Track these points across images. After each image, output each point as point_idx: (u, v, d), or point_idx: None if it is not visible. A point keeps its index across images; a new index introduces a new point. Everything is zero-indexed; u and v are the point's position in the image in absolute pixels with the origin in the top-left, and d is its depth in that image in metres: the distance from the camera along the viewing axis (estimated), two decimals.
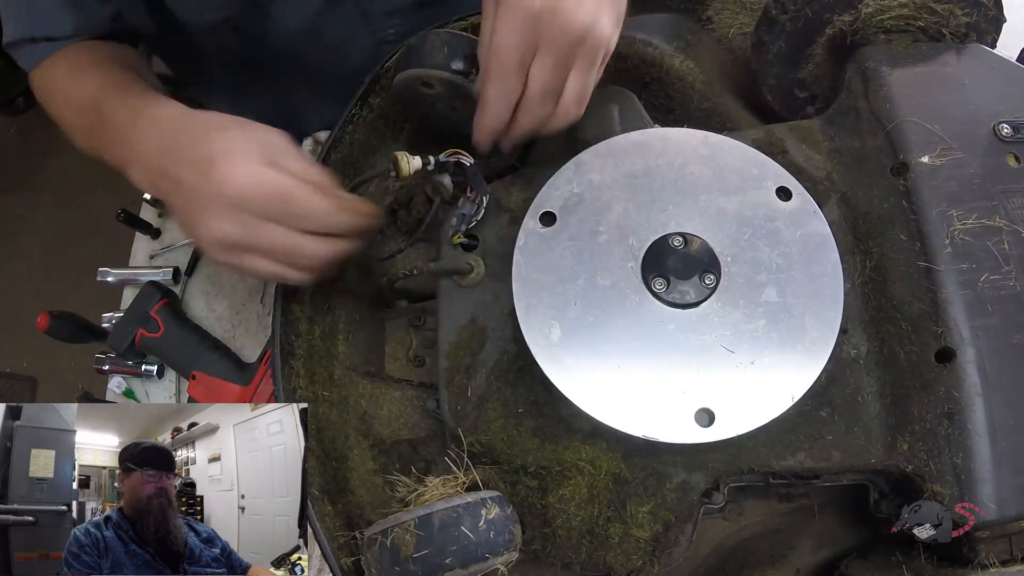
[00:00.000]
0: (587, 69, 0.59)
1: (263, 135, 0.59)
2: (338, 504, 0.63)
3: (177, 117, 0.62)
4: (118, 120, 0.67)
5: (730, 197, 0.62)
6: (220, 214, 0.55)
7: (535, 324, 0.59)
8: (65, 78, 0.81)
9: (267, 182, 0.55)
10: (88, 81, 0.77)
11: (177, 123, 0.61)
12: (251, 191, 0.55)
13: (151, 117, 0.63)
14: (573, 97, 0.60)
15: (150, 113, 0.64)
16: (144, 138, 0.62)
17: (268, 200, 0.55)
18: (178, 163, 0.57)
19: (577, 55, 0.57)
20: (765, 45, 0.73)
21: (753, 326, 0.58)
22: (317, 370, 0.69)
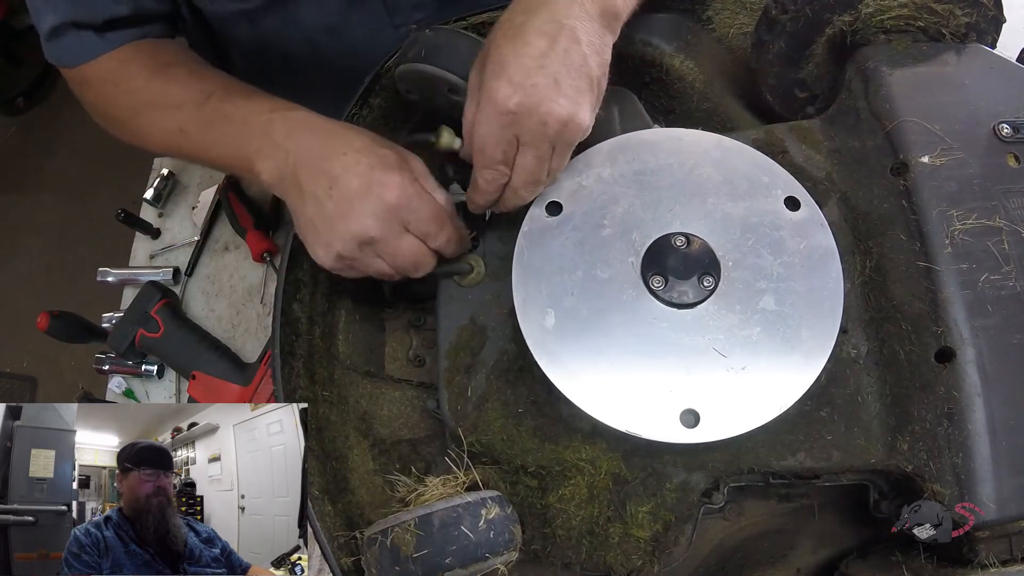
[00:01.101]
0: (565, 154, 0.61)
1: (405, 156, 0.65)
2: (338, 504, 0.63)
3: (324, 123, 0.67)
4: (249, 117, 0.69)
5: (738, 202, 0.62)
6: (372, 214, 0.61)
7: (531, 310, 0.59)
8: (146, 79, 0.80)
9: (421, 200, 0.62)
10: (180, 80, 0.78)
11: (327, 128, 0.66)
12: (408, 203, 0.61)
13: (297, 119, 0.67)
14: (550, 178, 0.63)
15: (294, 115, 0.67)
16: (290, 137, 0.66)
17: (416, 215, 0.62)
18: (335, 161, 0.62)
19: (556, 146, 0.59)
20: (765, 45, 0.73)
21: (748, 332, 0.58)
22: (317, 370, 0.69)
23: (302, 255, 0.71)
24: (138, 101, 0.80)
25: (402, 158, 0.64)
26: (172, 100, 0.76)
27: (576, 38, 0.57)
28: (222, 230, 1.13)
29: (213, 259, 1.11)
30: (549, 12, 0.58)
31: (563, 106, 0.57)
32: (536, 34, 0.57)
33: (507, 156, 0.59)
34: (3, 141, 2.74)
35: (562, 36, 0.57)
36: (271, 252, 1.05)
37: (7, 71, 2.72)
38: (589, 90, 0.58)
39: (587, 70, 0.58)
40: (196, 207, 1.15)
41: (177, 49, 0.85)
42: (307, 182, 0.63)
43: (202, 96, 0.74)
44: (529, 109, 0.57)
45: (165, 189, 1.18)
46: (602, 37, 0.60)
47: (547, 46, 0.57)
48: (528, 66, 0.57)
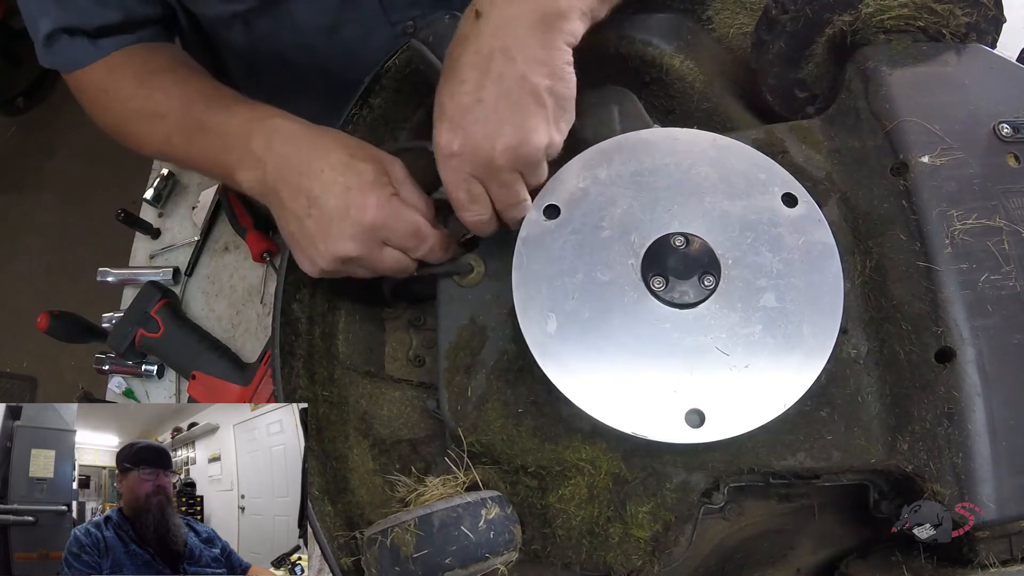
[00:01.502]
0: (536, 171, 0.60)
1: (388, 165, 0.65)
2: (338, 504, 0.63)
3: (303, 133, 0.66)
4: (228, 128, 0.69)
5: (735, 200, 0.62)
6: (352, 236, 0.61)
7: (532, 315, 0.59)
8: (133, 87, 0.80)
9: (399, 216, 0.62)
10: (165, 88, 0.77)
11: (305, 139, 0.65)
12: (384, 222, 0.61)
13: (275, 128, 0.66)
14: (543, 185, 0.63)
15: (273, 124, 0.66)
16: (269, 148, 0.65)
17: (395, 232, 0.62)
18: (314, 179, 0.62)
19: (517, 170, 0.58)
20: (765, 45, 0.73)
21: (750, 330, 0.58)
22: (317, 370, 0.69)
23: None
24: (128, 109, 0.80)
25: (380, 171, 0.63)
26: (158, 109, 0.76)
27: (510, 57, 0.55)
28: (222, 230, 1.13)
29: (213, 259, 1.11)
30: (477, 36, 0.56)
31: (508, 134, 0.56)
32: (467, 67, 0.56)
33: (474, 194, 0.59)
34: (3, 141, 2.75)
35: (494, 61, 0.55)
36: (271, 252, 1.05)
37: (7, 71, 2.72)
38: (536, 105, 0.56)
39: (529, 87, 0.55)
40: (196, 207, 1.15)
41: (168, 54, 0.85)
42: (288, 199, 0.63)
43: (185, 105, 0.74)
44: (472, 149, 0.56)
45: (165, 189, 1.18)
46: (544, 44, 0.56)
47: (479, 77, 0.56)
48: (463, 104, 0.56)
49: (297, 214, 0.63)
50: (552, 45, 0.56)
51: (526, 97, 0.56)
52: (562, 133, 0.59)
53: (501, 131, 0.56)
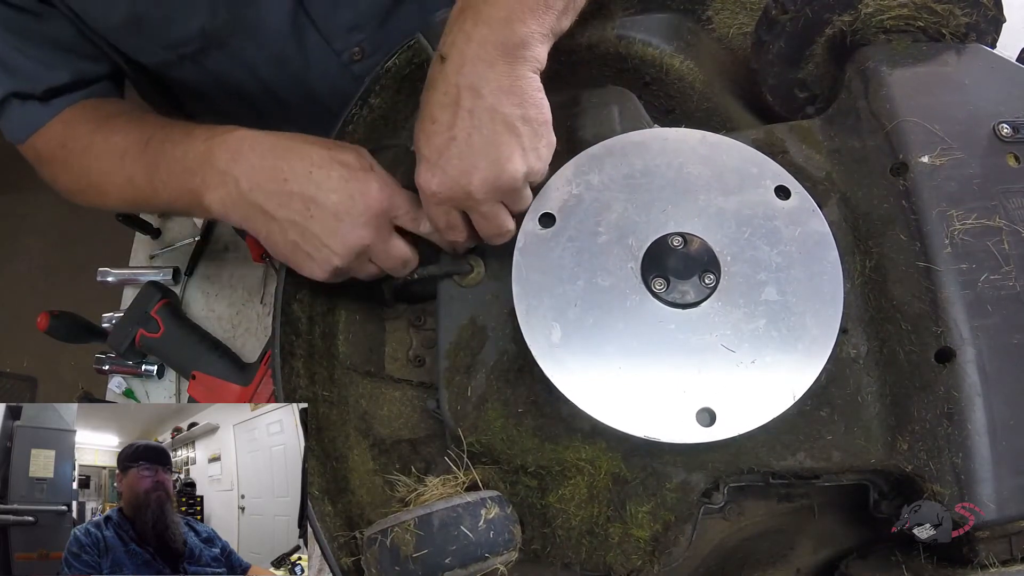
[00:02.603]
0: (517, 199, 0.60)
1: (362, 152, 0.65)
2: (338, 504, 0.63)
3: (270, 140, 0.63)
4: (187, 153, 0.66)
5: (729, 196, 0.62)
6: (363, 223, 0.61)
7: (535, 325, 0.59)
8: (89, 132, 0.79)
9: (401, 192, 0.63)
10: (123, 129, 0.76)
11: (275, 144, 0.63)
12: (392, 202, 0.62)
13: (237, 141, 0.64)
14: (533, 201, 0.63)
15: (233, 138, 0.64)
16: (235, 162, 0.63)
17: (400, 209, 0.63)
18: (302, 181, 0.61)
19: (498, 200, 0.59)
20: (765, 45, 0.73)
21: (753, 325, 0.58)
22: (317, 370, 0.69)
23: None
24: (87, 159, 0.78)
25: (361, 156, 0.64)
26: (116, 150, 0.75)
27: (478, 93, 0.56)
28: (222, 230, 1.13)
29: (213, 259, 1.11)
30: (444, 78, 0.57)
31: (484, 169, 0.56)
32: (438, 108, 0.57)
33: (455, 225, 0.61)
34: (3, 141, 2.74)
35: (462, 99, 0.56)
36: None
37: None
38: (510, 135, 0.56)
39: (500, 118, 0.56)
40: None
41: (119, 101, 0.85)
42: (275, 208, 0.61)
43: (142, 141, 0.73)
44: (451, 186, 0.57)
45: None
46: (509, 74, 0.56)
47: (451, 116, 0.57)
48: (438, 145, 0.57)
49: (294, 220, 0.61)
50: (517, 75, 0.57)
51: (498, 128, 0.56)
52: (542, 158, 0.59)
53: (477, 165, 0.57)
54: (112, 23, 0.77)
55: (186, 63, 0.84)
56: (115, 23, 0.77)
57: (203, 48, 0.83)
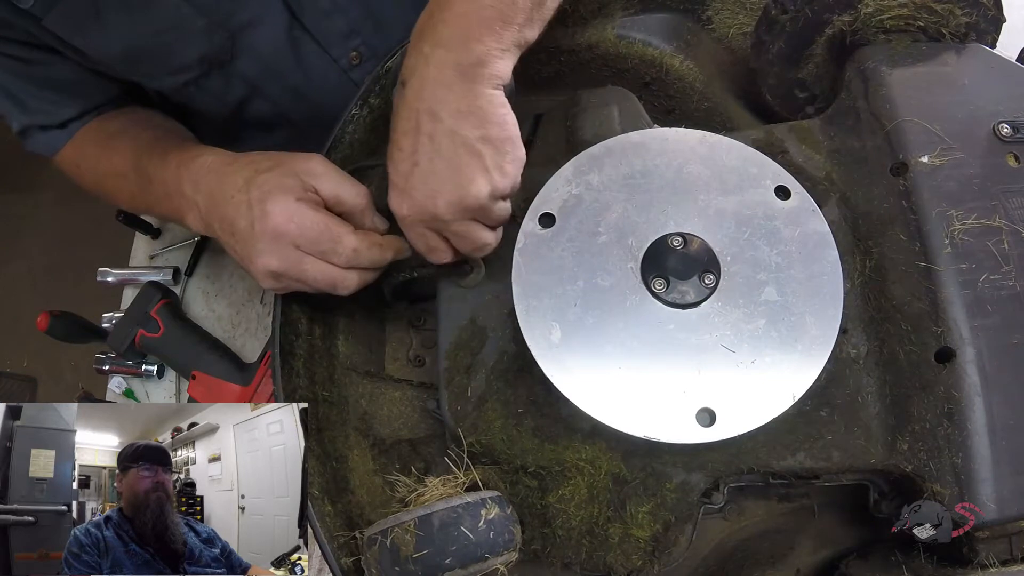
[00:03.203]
0: (488, 216, 0.60)
1: (301, 164, 0.64)
2: (338, 504, 0.63)
3: (220, 164, 0.68)
4: (165, 178, 0.73)
5: (729, 196, 0.62)
6: (265, 250, 0.61)
7: (535, 326, 0.59)
8: (96, 154, 0.87)
9: (303, 220, 0.61)
10: (121, 149, 0.83)
11: (222, 169, 0.67)
12: (286, 228, 0.60)
13: (196, 168, 0.69)
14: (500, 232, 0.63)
15: (194, 164, 0.69)
16: (195, 188, 0.67)
17: (304, 236, 0.61)
18: (228, 206, 0.63)
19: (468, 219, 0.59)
20: (765, 45, 0.73)
21: (753, 325, 0.58)
22: (317, 370, 0.69)
23: None
24: (97, 174, 0.87)
25: (285, 175, 0.62)
26: (117, 171, 0.83)
27: (436, 117, 0.56)
28: None
29: (213, 259, 1.11)
30: (405, 104, 0.58)
31: (448, 192, 0.57)
32: (401, 134, 0.58)
33: (431, 246, 0.61)
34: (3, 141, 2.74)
35: (422, 124, 0.57)
36: None
37: None
38: (470, 156, 0.56)
39: (460, 140, 0.56)
40: None
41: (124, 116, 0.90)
42: (219, 231, 0.65)
43: (136, 162, 0.79)
44: (419, 210, 0.58)
45: None
46: (469, 94, 0.56)
47: (412, 142, 0.57)
48: (404, 171, 0.58)
49: (227, 242, 0.65)
50: (476, 94, 0.57)
51: (459, 151, 0.56)
52: (508, 175, 0.58)
53: (440, 189, 0.57)
54: (113, 57, 0.80)
55: (190, 87, 0.87)
56: (116, 56, 0.80)
57: (205, 73, 0.86)
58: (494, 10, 0.57)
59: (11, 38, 0.78)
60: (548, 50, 0.81)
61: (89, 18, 0.75)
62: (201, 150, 0.71)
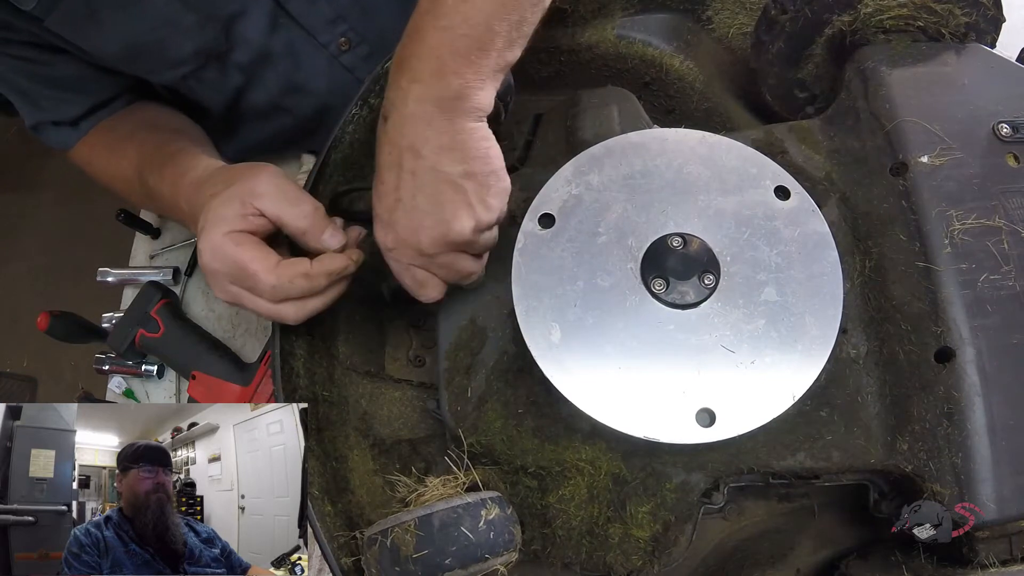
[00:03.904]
0: (473, 247, 0.60)
1: (246, 185, 0.62)
2: (338, 504, 0.63)
3: (198, 183, 0.70)
4: (162, 193, 0.77)
5: (728, 197, 0.62)
6: (210, 282, 0.63)
7: (535, 326, 0.59)
8: (106, 157, 0.90)
9: (224, 257, 0.60)
10: (127, 155, 0.86)
11: (199, 189, 0.69)
12: (212, 264, 0.61)
13: (186, 186, 0.72)
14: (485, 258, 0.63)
15: (184, 182, 0.72)
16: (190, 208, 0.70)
17: (229, 274, 0.61)
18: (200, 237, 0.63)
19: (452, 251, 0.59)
20: (765, 45, 0.73)
21: (753, 326, 0.58)
22: (317, 370, 0.69)
23: None
24: (108, 177, 0.92)
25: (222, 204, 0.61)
26: (124, 176, 0.87)
27: (417, 153, 0.56)
28: None
29: None
30: (387, 139, 0.57)
31: (429, 227, 0.57)
32: (385, 168, 0.58)
33: (419, 280, 0.61)
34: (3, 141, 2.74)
35: (404, 160, 0.56)
36: None
37: None
38: (453, 192, 0.56)
39: (442, 177, 0.56)
40: None
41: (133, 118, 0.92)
42: None
43: (139, 171, 0.83)
44: (403, 243, 0.58)
45: None
46: (448, 130, 0.55)
47: (395, 178, 0.57)
48: (388, 204, 0.58)
49: None
50: (456, 129, 0.55)
51: (441, 187, 0.56)
52: (492, 209, 0.58)
53: (423, 224, 0.57)
54: (112, 54, 0.82)
55: (189, 80, 0.89)
56: (116, 54, 0.82)
57: (202, 65, 0.87)
58: (469, 39, 0.55)
59: (16, 40, 0.79)
60: (548, 50, 0.81)
61: (87, 18, 0.76)
62: (191, 164, 0.74)
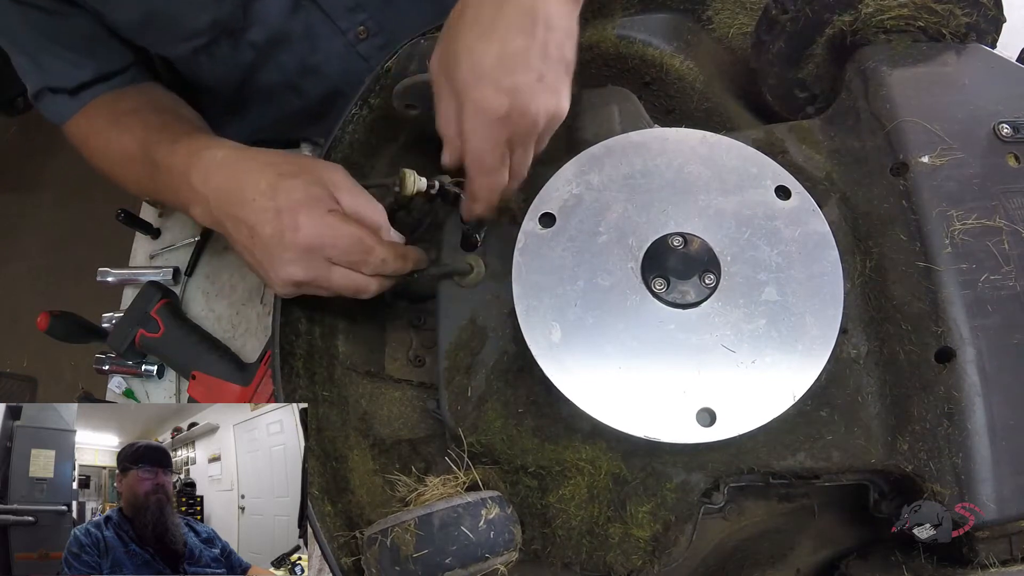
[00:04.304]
0: (547, 139, 0.61)
1: (325, 174, 0.63)
2: (338, 504, 0.63)
3: (234, 159, 0.65)
4: (173, 166, 0.70)
5: (729, 196, 0.62)
6: (293, 260, 0.60)
7: (536, 326, 0.59)
8: (106, 128, 0.84)
9: (336, 233, 0.60)
10: (132, 129, 0.81)
11: (236, 165, 0.65)
12: (320, 241, 0.60)
13: (208, 161, 0.66)
14: None
15: (206, 156, 0.66)
16: (206, 182, 0.65)
17: (336, 249, 0.60)
18: (246, 208, 0.61)
19: (544, 136, 0.60)
20: (765, 45, 0.73)
21: (753, 325, 0.58)
22: (317, 370, 0.69)
23: None
24: (105, 156, 0.85)
25: (312, 184, 0.62)
26: (124, 153, 0.80)
27: (551, 25, 0.56)
28: None
29: (213, 259, 1.11)
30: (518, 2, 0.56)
31: (549, 102, 0.57)
32: (512, 30, 0.55)
33: (504, 159, 0.59)
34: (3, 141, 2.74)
35: (538, 28, 0.55)
36: None
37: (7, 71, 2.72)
38: (567, 76, 0.58)
39: (565, 57, 0.57)
40: None
41: (136, 94, 0.89)
42: (232, 230, 0.63)
43: (145, 146, 0.77)
44: (521, 111, 0.55)
45: None
46: (572, 15, 0.58)
47: (526, 42, 0.55)
48: (511, 66, 0.55)
49: (244, 245, 0.63)
50: (575, 19, 0.58)
51: (562, 67, 0.57)
52: None
53: (544, 98, 0.56)
54: (128, 21, 0.81)
55: (200, 55, 0.87)
56: (130, 21, 0.81)
57: (215, 39, 0.86)
58: None
59: None
60: None
61: None
62: (211, 141, 0.70)
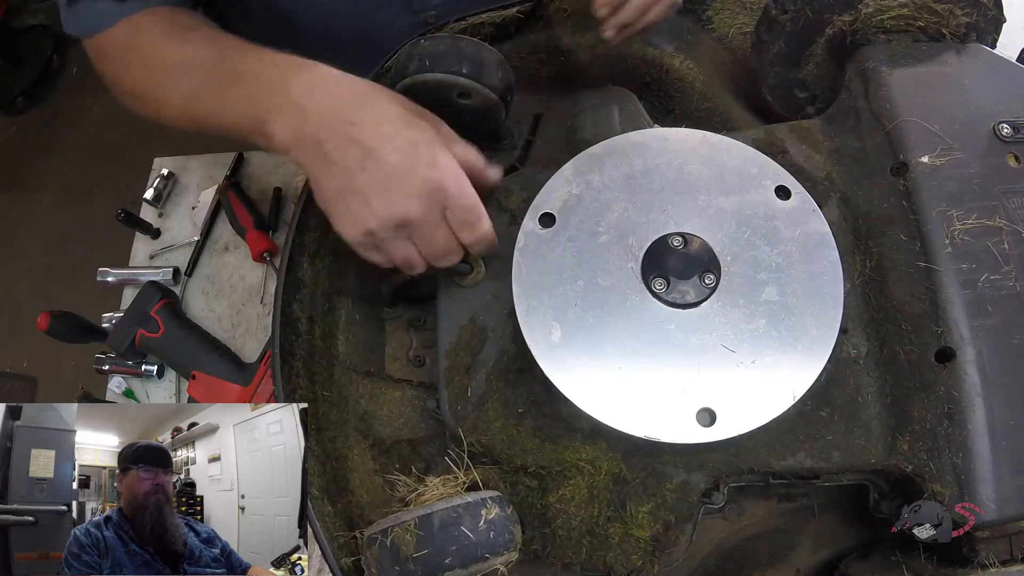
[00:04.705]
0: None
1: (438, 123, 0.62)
2: (338, 504, 0.63)
3: (353, 81, 0.62)
4: (262, 72, 0.64)
5: (729, 196, 0.62)
6: (415, 196, 0.57)
7: (536, 325, 0.59)
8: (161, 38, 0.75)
9: (465, 187, 0.59)
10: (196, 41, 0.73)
11: (357, 87, 0.61)
12: (449, 187, 0.58)
13: (316, 74, 0.61)
14: None
15: (315, 70, 0.62)
16: (310, 95, 0.60)
17: (457, 203, 0.58)
18: (371, 131, 0.58)
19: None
20: (765, 45, 0.73)
21: (753, 325, 0.58)
22: (317, 370, 0.69)
23: (302, 255, 0.71)
24: (152, 65, 0.75)
25: (438, 131, 0.60)
26: (186, 61, 0.71)
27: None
28: (222, 230, 1.13)
29: (213, 259, 1.11)
30: None
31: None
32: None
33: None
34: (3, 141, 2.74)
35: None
36: (271, 252, 1.05)
37: (7, 71, 2.72)
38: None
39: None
40: (196, 207, 1.15)
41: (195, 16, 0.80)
42: (334, 151, 0.58)
43: (216, 56, 0.69)
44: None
45: (165, 189, 1.18)
46: None
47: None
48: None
49: (348, 167, 0.57)
50: None
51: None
52: None
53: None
54: None
55: None
56: None
57: None
58: None
59: None
60: (548, 50, 0.81)
61: None
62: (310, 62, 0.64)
